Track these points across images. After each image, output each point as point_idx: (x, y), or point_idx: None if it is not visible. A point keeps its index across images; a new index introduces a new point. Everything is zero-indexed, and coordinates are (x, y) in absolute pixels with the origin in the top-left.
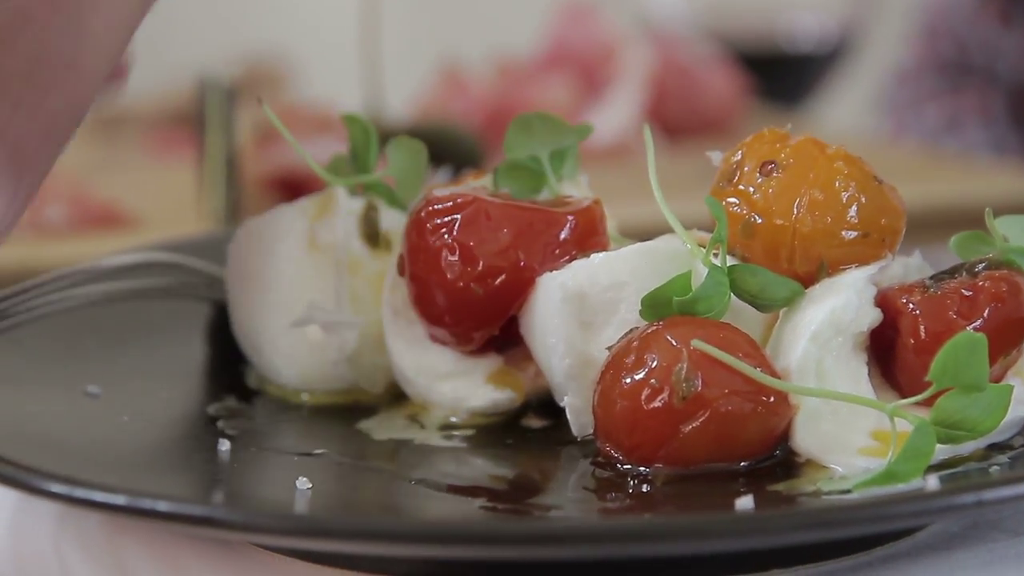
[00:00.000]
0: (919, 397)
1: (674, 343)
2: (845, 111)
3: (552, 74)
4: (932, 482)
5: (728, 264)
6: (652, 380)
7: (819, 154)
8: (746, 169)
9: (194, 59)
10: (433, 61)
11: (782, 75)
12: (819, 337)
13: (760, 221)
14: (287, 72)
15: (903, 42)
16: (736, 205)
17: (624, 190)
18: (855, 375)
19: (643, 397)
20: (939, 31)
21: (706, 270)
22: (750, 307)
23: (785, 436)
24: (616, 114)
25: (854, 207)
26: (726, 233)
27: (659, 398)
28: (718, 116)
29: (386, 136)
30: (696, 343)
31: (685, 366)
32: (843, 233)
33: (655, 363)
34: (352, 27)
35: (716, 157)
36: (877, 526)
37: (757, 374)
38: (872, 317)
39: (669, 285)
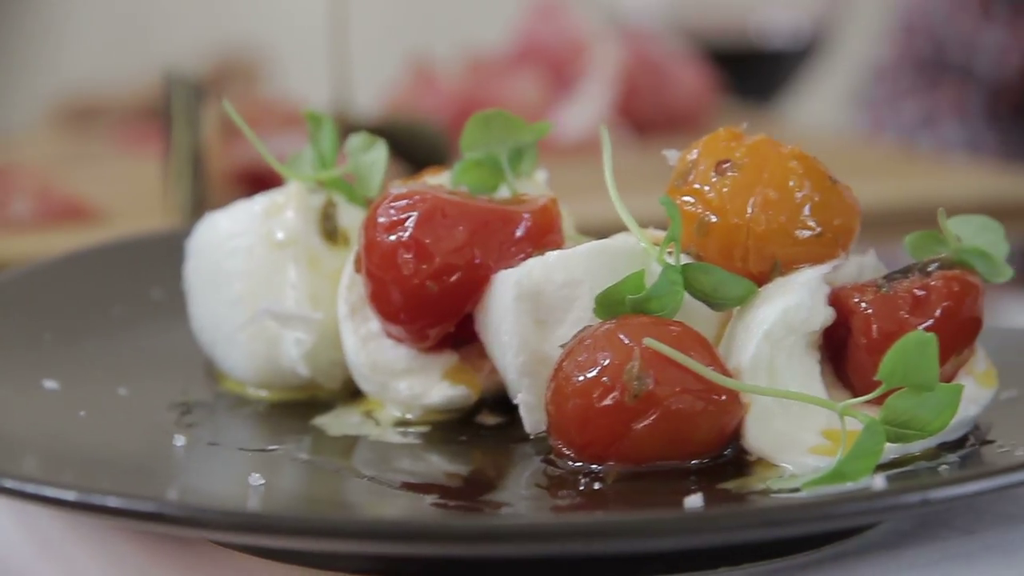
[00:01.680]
0: (870, 396)
1: (626, 341)
2: (819, 107)
3: (522, 70)
4: (879, 481)
5: (682, 263)
6: (604, 378)
7: (774, 153)
8: (701, 168)
9: (168, 53)
10: (403, 56)
11: (754, 71)
12: (771, 336)
13: (715, 220)
14: (261, 66)
15: (880, 38)
16: (691, 204)
17: (592, 186)
18: (807, 374)
19: (595, 395)
20: (916, 28)
21: (660, 268)
22: (704, 306)
23: (736, 434)
24: (586, 110)
25: (808, 206)
26: (680, 232)
27: (611, 396)
28: (688, 112)
29: (353, 132)
30: (648, 341)
31: (637, 364)
32: (797, 232)
33: (607, 361)
34: (324, 22)
35: (672, 156)
36: (824, 525)
37: (708, 372)
38: (825, 316)
39: (623, 283)
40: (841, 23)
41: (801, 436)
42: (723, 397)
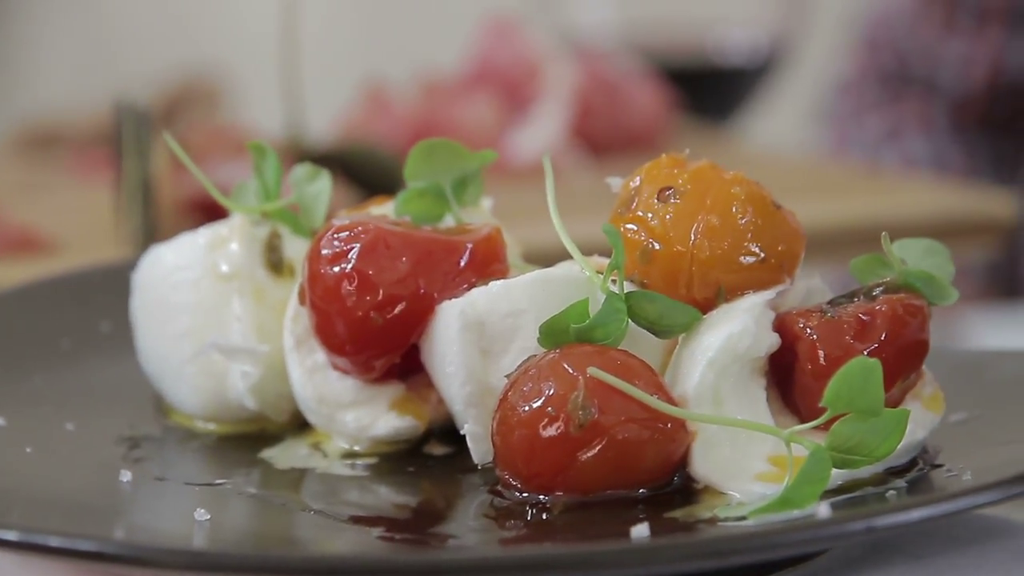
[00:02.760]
0: (816, 422)
1: (570, 371)
2: (780, 125)
3: (476, 92)
4: (824, 509)
5: (627, 291)
6: (549, 408)
7: (716, 179)
8: (644, 195)
9: (130, 78)
10: (357, 81)
11: (712, 89)
12: (716, 363)
13: (658, 247)
14: (222, 91)
15: (841, 53)
16: (634, 231)
17: (546, 209)
18: (753, 401)
19: (540, 425)
20: (879, 42)
21: (604, 297)
22: (649, 334)
23: (683, 463)
24: (541, 131)
25: (751, 232)
26: (623, 260)
27: (556, 426)
28: (645, 132)
29: (307, 158)
30: (592, 371)
31: (581, 394)
32: (741, 258)
33: (551, 391)
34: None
35: (615, 183)
36: (770, 554)
37: (653, 401)
38: (770, 342)
39: (567, 312)
40: (800, 39)
41: (747, 463)
42: (669, 425)
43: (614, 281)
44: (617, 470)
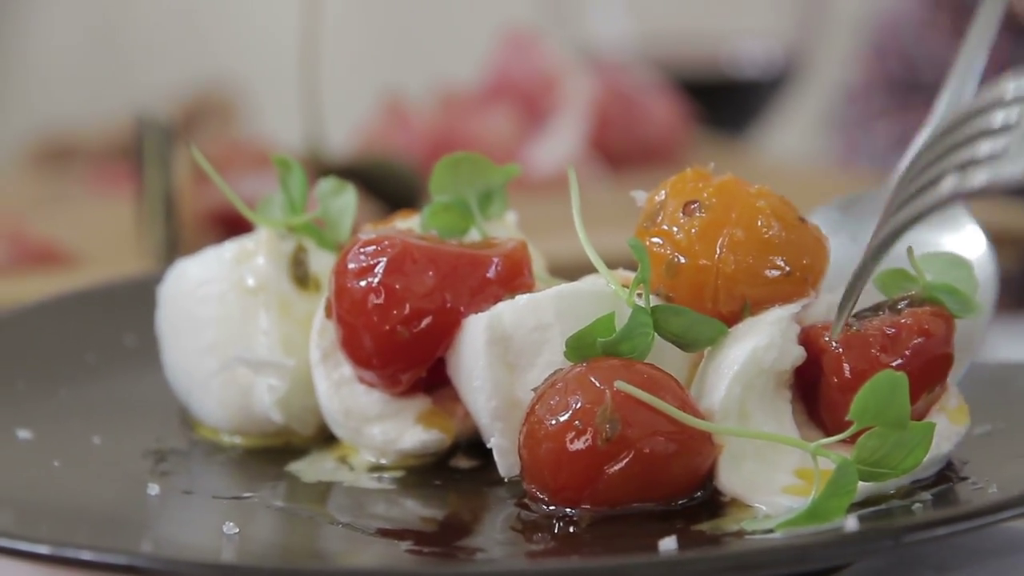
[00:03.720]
0: (842, 435)
1: (597, 384)
2: (793, 136)
3: (495, 105)
4: (852, 522)
5: (653, 304)
6: (576, 422)
7: (741, 193)
8: (669, 209)
9: (145, 92)
10: (376, 94)
11: (727, 102)
12: (742, 377)
13: (683, 261)
14: (237, 104)
15: (851, 61)
16: (660, 245)
17: (566, 222)
18: (778, 414)
19: (567, 439)
20: (888, 49)
21: (630, 311)
22: (674, 347)
23: (709, 476)
24: (559, 144)
25: (776, 246)
26: (649, 274)
27: (582, 440)
28: (662, 144)
29: (326, 172)
30: (619, 384)
31: (608, 407)
32: (766, 272)
33: (578, 405)
34: (296, 61)
35: (640, 197)
36: (797, 566)
37: (680, 415)
38: (795, 355)
39: (593, 327)
40: (813, 50)
41: (774, 476)
42: (695, 439)
43: (639, 295)
44: (644, 483)
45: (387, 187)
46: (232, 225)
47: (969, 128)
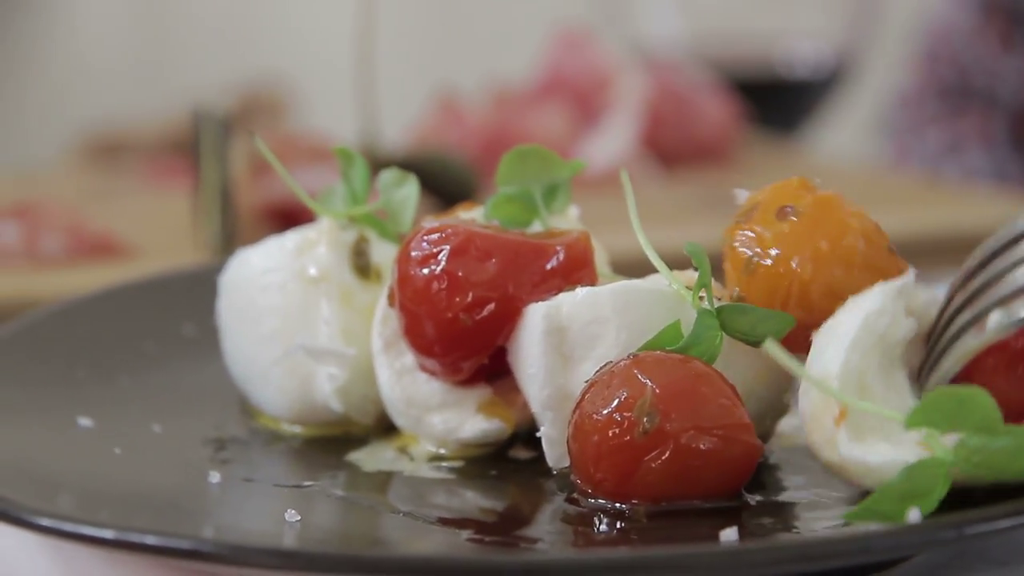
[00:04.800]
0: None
1: (639, 377)
2: (844, 137)
3: (548, 102)
4: (914, 514)
5: (717, 304)
6: (616, 414)
7: (837, 208)
8: (764, 209)
9: (194, 88)
10: (429, 90)
11: (779, 102)
12: (858, 345)
13: (763, 262)
14: (287, 100)
15: (904, 67)
16: (744, 242)
17: (619, 219)
18: (899, 388)
19: (608, 431)
20: (940, 55)
21: (691, 310)
22: (743, 345)
23: (752, 471)
24: (612, 142)
25: (857, 266)
26: (709, 278)
27: (622, 432)
28: (714, 143)
29: (381, 166)
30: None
31: (647, 401)
32: (840, 289)
33: (620, 398)
34: (350, 56)
35: (741, 195)
36: (859, 558)
37: (722, 409)
38: (907, 327)
39: (661, 336)
40: (865, 52)
41: (896, 449)
42: (736, 434)
43: (702, 296)
44: (683, 478)
45: (441, 183)
46: (287, 218)
47: (1002, 260)
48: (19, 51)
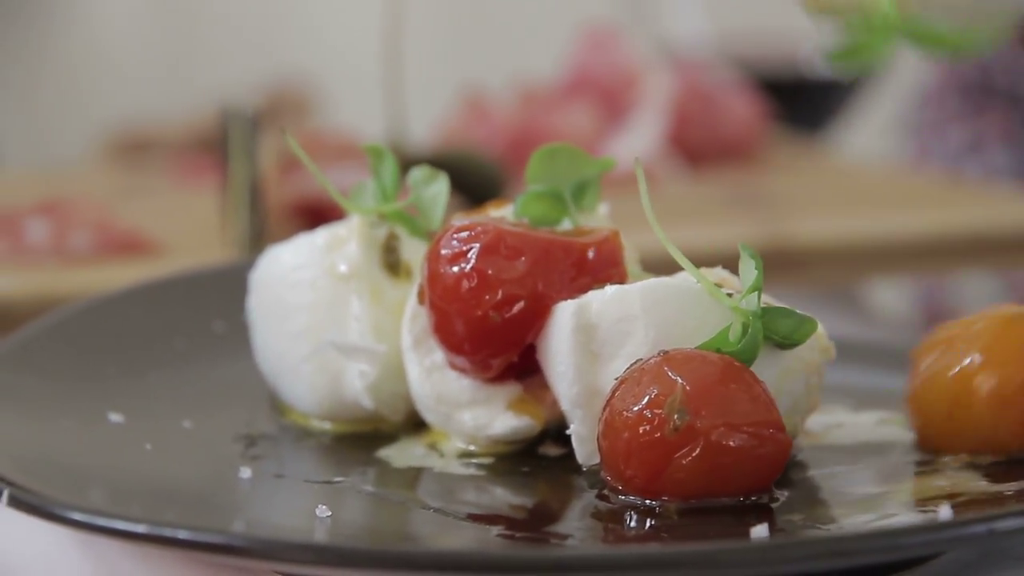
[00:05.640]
0: None
1: (670, 375)
2: (867, 136)
3: (574, 101)
4: (945, 512)
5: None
6: (647, 411)
7: None
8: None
9: (219, 85)
10: (456, 88)
11: (804, 101)
12: None
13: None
14: (312, 98)
15: (925, 65)
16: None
17: (645, 218)
18: None
19: (638, 428)
20: None
21: (722, 309)
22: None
23: (782, 467)
24: (638, 140)
25: None
26: (761, 282)
27: (653, 429)
28: (740, 142)
29: (408, 164)
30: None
31: (678, 398)
32: None
33: (651, 395)
34: (376, 54)
35: None
36: (890, 555)
37: (752, 406)
38: None
39: (711, 342)
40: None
41: None
42: (767, 431)
43: (730, 295)
44: (714, 474)
45: (468, 180)
46: (315, 215)
47: None
48: (45, 48)
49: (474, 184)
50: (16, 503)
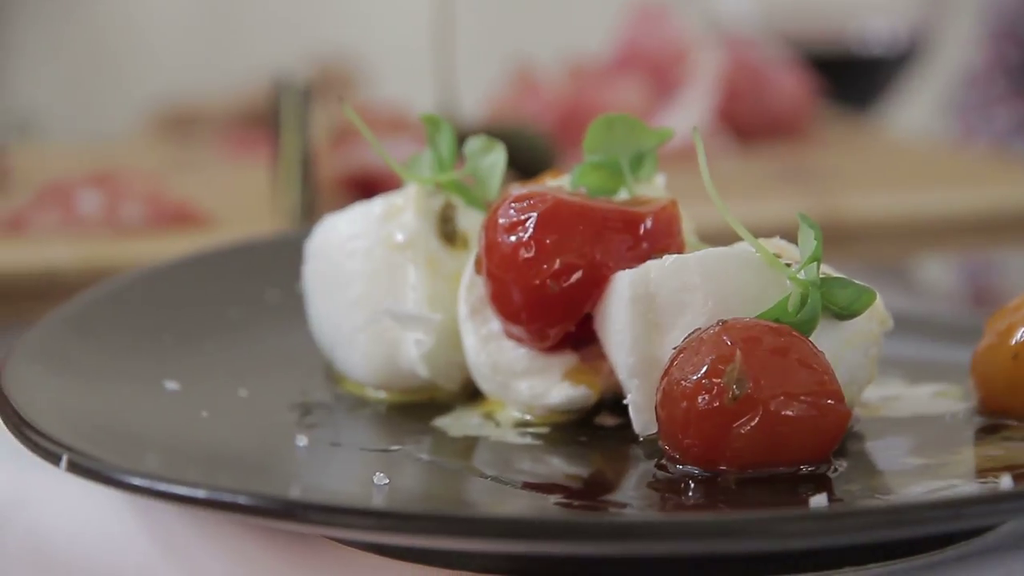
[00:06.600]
0: None
1: (728, 343)
2: (915, 114)
3: (623, 76)
4: (1006, 481)
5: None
6: (705, 381)
7: None
8: None
9: (267, 59)
10: (505, 62)
11: (852, 78)
12: None
13: None
14: (359, 73)
15: (973, 45)
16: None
17: (696, 192)
18: None
19: (697, 397)
20: (1006, 34)
21: (780, 278)
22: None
23: (841, 437)
24: (687, 116)
25: None
26: (821, 252)
27: (712, 399)
28: (789, 118)
29: (459, 137)
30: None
31: (737, 367)
32: None
33: (709, 364)
34: (425, 28)
35: None
36: (950, 525)
37: (812, 376)
38: None
39: (771, 312)
40: (939, 29)
41: None
42: (826, 401)
43: (788, 265)
44: (773, 445)
45: (518, 154)
46: (367, 187)
47: None
48: (93, 23)
49: (523, 158)
50: (75, 468)
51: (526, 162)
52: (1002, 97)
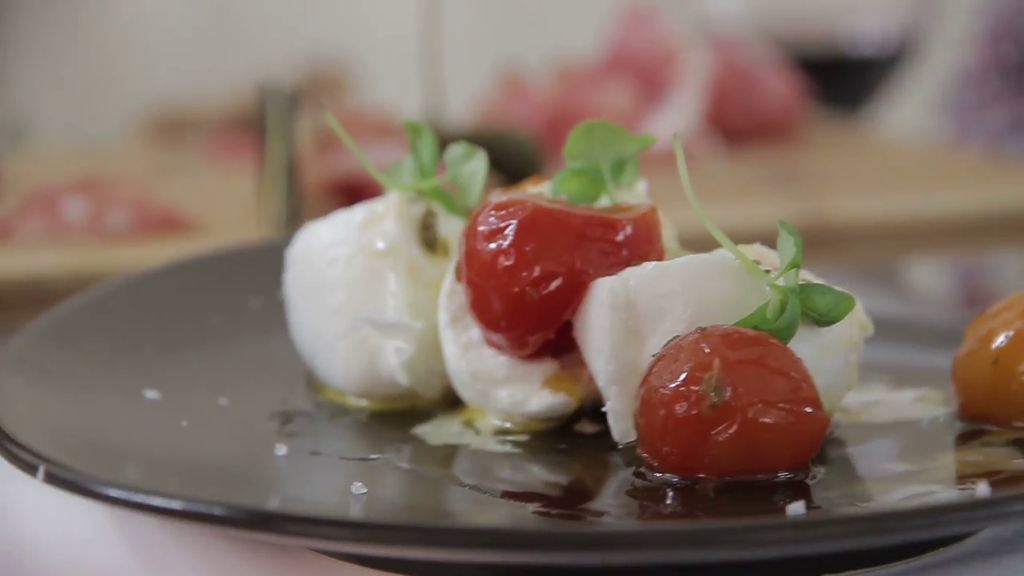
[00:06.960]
0: None
1: (707, 351)
2: (906, 115)
3: (612, 79)
4: (983, 489)
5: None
6: (684, 389)
7: None
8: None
9: (256, 64)
10: (493, 66)
11: (843, 79)
12: None
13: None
14: (348, 77)
15: (967, 45)
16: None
17: (682, 196)
18: None
19: (676, 405)
20: (1002, 33)
21: (759, 285)
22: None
23: (819, 444)
24: (676, 118)
25: None
26: (800, 259)
27: (689, 406)
28: (778, 120)
29: (446, 141)
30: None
31: (715, 375)
32: None
33: (688, 372)
34: (413, 32)
35: None
36: (928, 531)
37: (790, 383)
38: None
39: (750, 319)
40: (930, 30)
41: None
42: (805, 408)
43: (768, 271)
44: (751, 452)
45: (505, 158)
46: (352, 193)
47: None
48: (82, 27)
49: (511, 162)
50: (52, 479)
51: (514, 166)
52: (998, 97)
